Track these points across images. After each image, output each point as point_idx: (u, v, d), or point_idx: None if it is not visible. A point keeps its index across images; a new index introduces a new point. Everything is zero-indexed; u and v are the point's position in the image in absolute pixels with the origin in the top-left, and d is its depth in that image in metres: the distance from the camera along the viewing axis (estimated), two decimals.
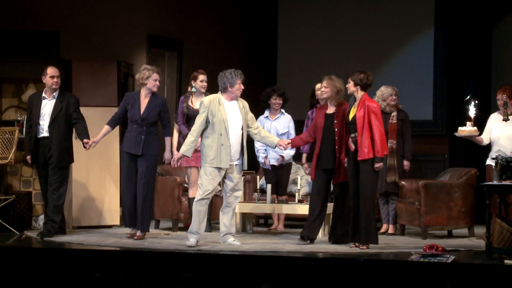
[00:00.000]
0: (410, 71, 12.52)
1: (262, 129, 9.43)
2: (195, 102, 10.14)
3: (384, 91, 10.23)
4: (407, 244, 9.19)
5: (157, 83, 9.65)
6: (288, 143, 9.32)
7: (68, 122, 9.78)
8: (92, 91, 10.61)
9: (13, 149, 10.17)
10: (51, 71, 9.82)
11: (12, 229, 10.11)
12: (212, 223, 10.36)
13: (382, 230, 10.27)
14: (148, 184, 9.54)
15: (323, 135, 9.17)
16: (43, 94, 9.87)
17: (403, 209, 10.02)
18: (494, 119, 9.26)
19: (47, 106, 9.80)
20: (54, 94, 9.83)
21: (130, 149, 9.56)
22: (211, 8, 13.34)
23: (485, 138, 9.21)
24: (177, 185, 10.50)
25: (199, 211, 9.06)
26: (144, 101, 9.61)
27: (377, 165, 8.74)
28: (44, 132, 9.78)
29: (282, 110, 10.52)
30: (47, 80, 9.82)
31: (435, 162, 12.15)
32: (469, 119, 9.04)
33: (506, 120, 9.39)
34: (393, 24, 13.02)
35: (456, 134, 9.01)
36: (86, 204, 10.64)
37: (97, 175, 10.63)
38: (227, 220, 9.18)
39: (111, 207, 10.81)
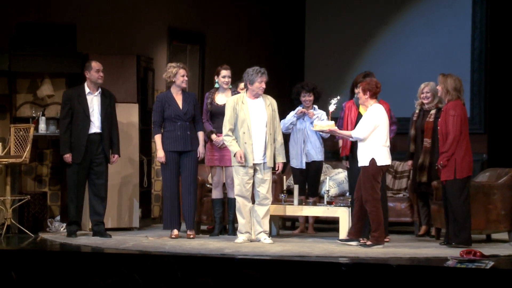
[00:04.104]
0: (445, 65, 12.39)
1: (281, 143, 9.65)
2: (219, 99, 10.20)
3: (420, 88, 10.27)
4: (443, 248, 9.15)
5: (185, 78, 9.99)
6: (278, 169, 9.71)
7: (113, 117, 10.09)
8: (110, 87, 10.57)
9: (28, 147, 10.16)
10: (96, 65, 9.99)
11: (27, 231, 10.16)
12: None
13: (422, 232, 10.33)
14: (196, 179, 9.94)
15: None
16: (87, 89, 9.99)
17: (437, 212, 9.94)
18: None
19: (95, 102, 10.01)
20: (99, 88, 9.97)
21: (178, 147, 9.88)
22: None
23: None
24: (199, 185, 10.50)
25: (237, 210, 9.59)
26: (178, 98, 9.95)
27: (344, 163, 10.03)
28: (95, 128, 9.97)
29: (315, 107, 10.48)
30: (92, 74, 9.97)
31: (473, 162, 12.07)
32: (327, 113, 9.58)
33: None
34: (427, 13, 12.95)
35: (312, 128, 9.65)
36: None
37: (115, 175, 10.67)
38: (258, 217, 9.56)
39: (130, 209, 10.83)
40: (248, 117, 9.52)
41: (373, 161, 9.24)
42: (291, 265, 8.22)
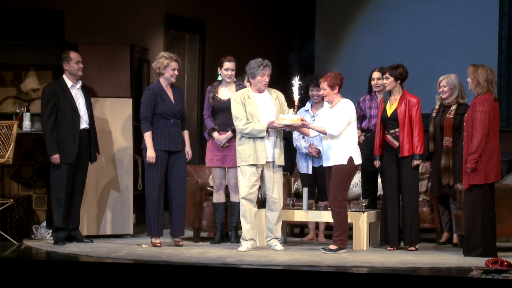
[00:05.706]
0: (470, 56, 12.39)
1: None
2: (222, 93, 10.22)
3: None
4: (466, 258, 9.17)
5: (176, 72, 9.98)
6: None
7: None
8: (101, 79, 10.67)
9: (11, 146, 10.16)
10: (75, 56, 10.12)
11: (10, 239, 10.16)
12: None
13: (443, 239, 10.41)
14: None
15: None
16: (68, 82, 10.10)
17: (461, 217, 9.97)
18: (322, 110, 9.82)
19: (79, 95, 10.14)
20: (79, 81, 10.13)
21: (170, 146, 9.95)
22: None
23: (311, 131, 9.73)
24: (199, 188, 10.55)
25: (242, 215, 9.62)
26: (169, 93, 9.97)
27: (416, 162, 9.79)
28: (85, 123, 10.15)
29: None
30: (71, 66, 10.09)
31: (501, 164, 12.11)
32: (292, 104, 9.58)
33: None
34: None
35: (276, 122, 9.54)
36: (94, 211, 10.68)
37: (106, 176, 10.72)
38: (270, 223, 9.66)
39: (123, 214, 10.82)
40: (258, 112, 9.58)
41: (351, 160, 9.47)
42: (300, 275, 8.20)
